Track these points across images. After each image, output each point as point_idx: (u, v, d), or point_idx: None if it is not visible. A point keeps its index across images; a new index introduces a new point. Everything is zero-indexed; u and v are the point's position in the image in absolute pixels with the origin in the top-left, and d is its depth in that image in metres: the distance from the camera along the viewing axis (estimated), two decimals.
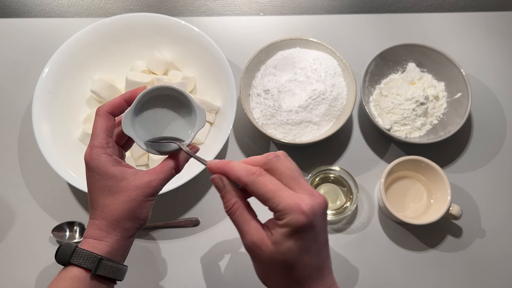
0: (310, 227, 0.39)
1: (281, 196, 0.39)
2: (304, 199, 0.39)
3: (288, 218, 0.39)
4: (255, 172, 0.40)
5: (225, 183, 0.43)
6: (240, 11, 0.91)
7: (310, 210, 0.38)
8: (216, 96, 0.75)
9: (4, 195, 0.75)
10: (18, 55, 0.84)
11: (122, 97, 0.48)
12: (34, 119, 0.70)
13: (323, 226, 0.41)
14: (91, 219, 0.47)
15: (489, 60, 0.83)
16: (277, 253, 0.40)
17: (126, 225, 0.46)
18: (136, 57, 0.78)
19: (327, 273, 0.42)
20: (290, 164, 0.42)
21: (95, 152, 0.46)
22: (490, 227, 0.71)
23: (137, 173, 0.47)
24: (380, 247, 0.70)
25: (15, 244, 0.72)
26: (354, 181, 0.69)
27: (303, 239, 0.39)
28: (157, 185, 0.47)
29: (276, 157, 0.42)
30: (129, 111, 0.46)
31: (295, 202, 0.38)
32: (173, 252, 0.70)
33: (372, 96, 0.77)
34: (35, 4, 0.92)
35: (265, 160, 0.42)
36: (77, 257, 0.45)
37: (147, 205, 0.47)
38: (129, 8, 0.91)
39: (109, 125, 0.48)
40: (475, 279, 0.69)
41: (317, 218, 0.39)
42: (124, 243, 0.47)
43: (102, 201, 0.46)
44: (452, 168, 0.75)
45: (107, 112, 0.48)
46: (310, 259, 0.40)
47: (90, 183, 0.47)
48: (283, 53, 0.77)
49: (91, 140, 0.47)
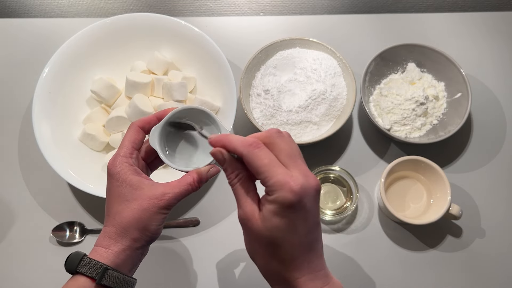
0: (298, 206, 0.39)
1: (273, 172, 0.39)
2: (296, 178, 0.39)
3: (277, 195, 0.39)
4: (252, 143, 0.40)
5: (225, 156, 0.43)
6: (240, 11, 0.91)
7: (300, 189, 0.38)
8: (216, 96, 0.75)
9: (4, 195, 0.75)
10: (18, 55, 0.84)
11: (155, 114, 0.50)
12: (34, 119, 0.70)
13: (313, 208, 0.40)
14: (104, 226, 0.47)
15: (488, 60, 0.83)
16: (264, 229, 0.40)
17: (134, 234, 0.46)
18: (136, 57, 0.78)
19: (315, 257, 0.42)
20: (291, 143, 0.41)
21: (118, 160, 0.47)
22: (490, 227, 0.72)
23: (153, 184, 0.47)
24: (380, 247, 0.70)
25: (15, 244, 0.72)
26: (354, 181, 0.69)
27: (291, 218, 0.39)
28: (171, 198, 0.46)
29: (278, 133, 0.41)
30: (157, 127, 0.48)
31: (286, 180, 0.38)
32: (173, 252, 0.70)
33: (372, 96, 0.77)
34: (35, 4, 0.92)
35: (266, 134, 0.42)
36: (84, 266, 0.45)
37: (158, 218, 0.47)
38: (129, 8, 0.91)
39: (137, 138, 0.49)
40: (475, 279, 0.69)
41: (308, 199, 0.39)
42: (131, 253, 0.47)
43: (116, 208, 0.47)
44: (452, 168, 0.75)
45: (138, 127, 0.49)
46: (298, 239, 0.40)
47: (109, 189, 0.48)
48: (283, 53, 0.77)
49: (118, 149, 0.48)
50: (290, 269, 0.41)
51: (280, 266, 0.41)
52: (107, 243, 0.46)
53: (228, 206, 0.73)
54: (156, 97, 0.75)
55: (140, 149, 0.50)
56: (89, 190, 0.67)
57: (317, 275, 0.42)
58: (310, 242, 0.41)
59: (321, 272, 0.42)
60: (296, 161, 0.40)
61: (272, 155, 0.40)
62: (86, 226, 0.72)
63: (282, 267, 0.41)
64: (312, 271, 0.41)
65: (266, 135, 0.41)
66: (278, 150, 0.41)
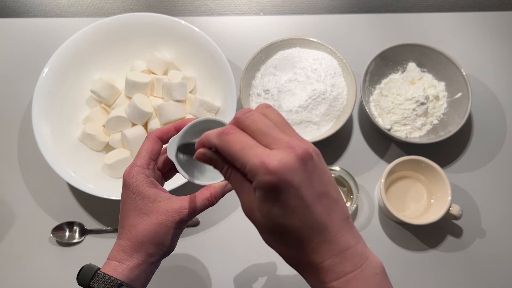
0: (283, 186, 0.33)
1: (247, 156, 0.34)
2: (273, 155, 0.33)
3: (256, 181, 0.34)
4: (223, 131, 0.36)
5: (207, 155, 0.38)
6: (240, 11, 0.91)
7: (278, 167, 0.32)
8: (216, 96, 0.75)
9: (4, 195, 0.75)
10: (18, 55, 0.84)
11: (174, 125, 0.48)
12: (34, 119, 0.70)
13: (306, 179, 0.34)
14: (118, 239, 0.47)
15: (489, 60, 0.83)
16: (262, 219, 0.35)
17: (150, 249, 0.45)
18: (136, 57, 0.78)
19: (335, 234, 0.35)
20: (263, 118, 0.36)
21: (134, 171, 0.46)
22: (490, 227, 0.71)
23: (170, 198, 0.46)
24: (380, 247, 0.70)
25: (15, 244, 0.71)
26: (354, 181, 0.69)
27: (281, 200, 0.34)
28: (188, 213, 0.46)
29: (247, 112, 0.36)
30: (175, 138, 0.47)
31: (260, 161, 0.33)
32: (173, 252, 0.70)
33: (372, 96, 0.77)
34: (35, 4, 0.92)
35: (234, 119, 0.36)
36: (97, 281, 0.44)
37: (174, 233, 0.46)
38: (129, 8, 0.91)
39: (154, 148, 0.48)
40: (475, 279, 0.69)
41: (293, 173, 0.33)
42: (145, 268, 0.46)
43: (131, 220, 0.46)
44: (452, 168, 0.75)
45: (156, 137, 0.48)
46: (300, 220, 0.34)
47: (124, 200, 0.47)
48: (283, 53, 0.77)
49: (134, 159, 0.47)
50: (308, 254, 0.35)
51: (297, 253, 0.36)
52: (121, 257, 0.45)
53: (228, 206, 0.73)
54: (156, 97, 0.75)
55: (157, 159, 0.49)
56: (88, 190, 0.67)
57: (345, 256, 0.35)
58: (317, 220, 0.35)
59: (349, 251, 0.35)
60: (275, 136, 0.35)
61: (246, 138, 0.35)
62: (86, 226, 0.72)
63: (299, 253, 0.36)
64: (337, 253, 0.35)
65: (235, 120, 0.36)
66: (252, 131, 0.35)
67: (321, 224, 0.35)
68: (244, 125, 0.36)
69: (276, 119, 0.37)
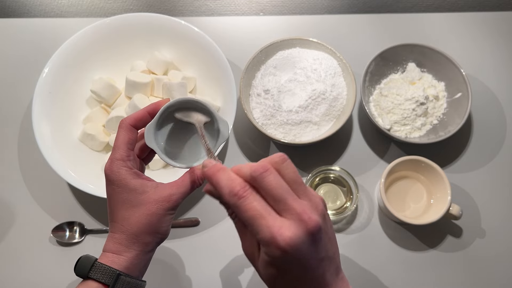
0: (290, 259, 0.35)
1: (260, 226, 0.35)
2: (284, 231, 0.35)
3: (265, 249, 0.36)
4: (237, 193, 0.36)
5: (216, 195, 0.40)
6: (240, 11, 0.91)
7: (288, 244, 0.34)
8: (216, 96, 0.75)
9: (4, 195, 0.75)
10: (18, 55, 0.84)
11: (146, 109, 0.48)
12: (34, 119, 0.70)
13: (313, 251, 0.37)
14: (111, 233, 0.47)
15: (489, 60, 0.83)
16: (263, 274, 0.39)
17: (146, 239, 0.46)
18: (136, 57, 0.78)
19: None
20: (279, 180, 0.37)
21: (116, 165, 0.46)
22: (490, 227, 0.71)
23: (157, 186, 0.46)
24: (380, 247, 0.70)
25: (15, 244, 0.72)
26: (354, 181, 0.69)
27: (286, 269, 0.37)
28: (178, 198, 0.46)
29: (264, 172, 0.37)
30: (152, 124, 0.46)
31: (271, 236, 0.35)
32: (173, 252, 0.70)
33: (372, 96, 0.77)
34: (35, 4, 0.92)
35: (250, 176, 0.37)
36: (96, 272, 0.44)
37: (167, 219, 0.46)
38: (129, 8, 0.91)
39: (131, 138, 0.47)
40: (475, 279, 0.69)
41: (300, 247, 0.35)
42: (143, 257, 0.47)
43: (122, 214, 0.46)
44: (452, 168, 0.75)
45: (130, 125, 0.47)
46: (299, 283, 0.38)
47: (110, 195, 0.47)
48: (283, 53, 0.77)
49: (112, 152, 0.47)
50: None
51: None
52: (118, 249, 0.46)
53: None
54: (156, 97, 0.75)
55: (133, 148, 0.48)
56: (88, 190, 0.67)
57: None
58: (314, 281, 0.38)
59: None
60: (287, 203, 0.36)
61: (259, 203, 0.36)
62: (86, 226, 0.72)
63: None
64: None
65: (251, 178, 0.37)
66: (265, 193, 0.37)
67: (318, 285, 0.38)
68: (259, 186, 0.37)
69: (290, 177, 0.38)
